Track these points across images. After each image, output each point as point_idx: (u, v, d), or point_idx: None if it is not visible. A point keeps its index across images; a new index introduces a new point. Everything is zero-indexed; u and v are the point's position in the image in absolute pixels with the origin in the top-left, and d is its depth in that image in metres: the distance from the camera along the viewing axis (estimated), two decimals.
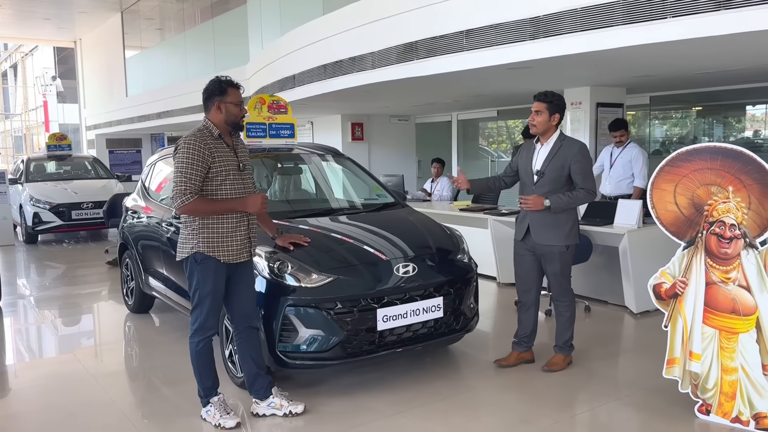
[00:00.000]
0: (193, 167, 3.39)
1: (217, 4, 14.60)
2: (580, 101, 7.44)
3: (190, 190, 3.37)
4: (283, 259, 3.97)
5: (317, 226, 4.46)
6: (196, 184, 3.39)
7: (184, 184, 3.36)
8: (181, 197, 3.36)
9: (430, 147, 12.55)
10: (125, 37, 18.91)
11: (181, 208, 3.37)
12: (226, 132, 3.59)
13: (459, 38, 5.31)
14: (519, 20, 4.84)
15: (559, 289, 4.39)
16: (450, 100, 9.02)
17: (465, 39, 5.25)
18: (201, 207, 3.42)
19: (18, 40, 28.72)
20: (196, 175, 3.39)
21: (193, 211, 3.42)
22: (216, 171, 3.47)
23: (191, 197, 3.36)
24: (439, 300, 4.21)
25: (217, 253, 3.50)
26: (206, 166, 3.43)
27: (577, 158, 4.19)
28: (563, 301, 4.42)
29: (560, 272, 4.33)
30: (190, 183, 3.37)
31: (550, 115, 4.20)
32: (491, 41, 5.07)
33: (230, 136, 3.64)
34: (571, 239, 4.30)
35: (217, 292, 3.56)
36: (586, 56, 4.74)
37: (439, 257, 4.42)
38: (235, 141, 3.68)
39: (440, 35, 5.46)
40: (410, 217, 4.91)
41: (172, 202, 3.45)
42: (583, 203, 4.30)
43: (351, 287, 3.95)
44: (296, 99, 8.08)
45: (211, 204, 3.46)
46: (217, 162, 3.47)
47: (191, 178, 3.38)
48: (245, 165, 3.66)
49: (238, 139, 3.72)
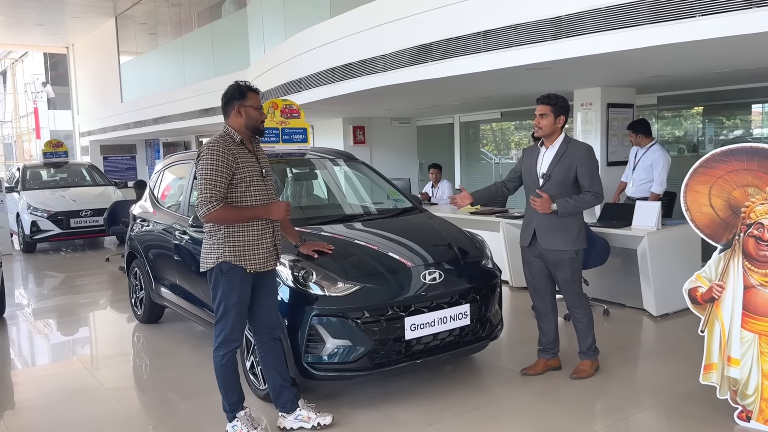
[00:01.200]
0: (218, 174, 3.27)
1: (214, 7, 14.46)
2: (591, 102, 7.36)
3: (216, 197, 3.26)
4: (308, 267, 3.86)
5: (339, 233, 4.35)
6: (221, 191, 3.28)
7: (209, 191, 3.25)
8: (206, 204, 3.24)
9: (432, 150, 12.45)
10: (120, 42, 18.73)
11: (207, 215, 3.25)
12: (247, 137, 3.49)
13: (476, 39, 5.21)
14: (540, 20, 4.75)
15: (572, 295, 4.29)
16: (458, 102, 8.93)
17: (483, 40, 5.16)
18: (227, 214, 3.31)
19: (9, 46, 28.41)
20: (221, 181, 3.28)
21: (219, 219, 3.31)
22: (240, 177, 3.36)
23: (217, 204, 3.25)
24: (465, 307, 4.10)
25: (245, 261, 3.39)
26: (230, 172, 3.32)
27: (583, 160, 4.11)
28: (578, 308, 4.33)
29: (571, 278, 4.24)
30: (215, 190, 3.26)
31: (556, 117, 4.12)
32: (511, 42, 4.97)
33: (251, 141, 3.53)
34: (579, 243, 4.22)
35: (243, 303, 3.44)
36: (609, 56, 4.65)
37: (463, 263, 4.31)
38: (256, 147, 3.57)
39: (456, 36, 5.36)
40: (431, 222, 4.81)
41: (196, 210, 3.33)
42: (591, 207, 4.23)
43: (378, 295, 3.84)
44: (302, 103, 7.95)
45: (237, 211, 3.35)
46: (241, 168, 3.36)
47: (216, 185, 3.27)
48: (267, 171, 3.55)
49: (258, 145, 3.61)
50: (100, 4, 16.36)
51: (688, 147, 8.73)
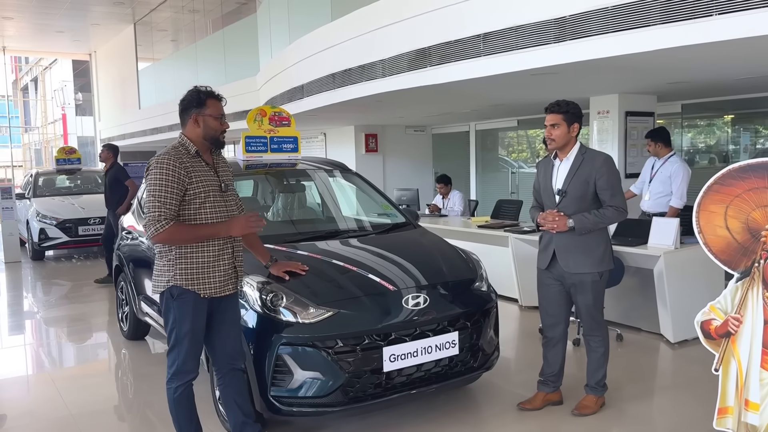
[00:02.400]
0: (168, 189, 2.96)
1: (228, 14, 14.31)
2: (608, 110, 6.93)
3: (165, 216, 2.94)
4: (277, 290, 3.52)
5: (318, 251, 4.01)
6: (171, 208, 2.97)
7: (157, 209, 2.94)
8: (154, 224, 2.93)
9: (448, 158, 12.09)
10: (139, 49, 18.73)
11: (155, 236, 2.94)
12: (205, 149, 3.17)
13: (476, 42, 4.84)
14: (542, 21, 4.37)
15: (592, 322, 3.88)
16: (468, 109, 8.55)
17: (482, 43, 4.79)
18: (179, 234, 2.99)
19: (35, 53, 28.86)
20: (171, 198, 2.97)
21: (170, 240, 2.99)
22: (194, 193, 3.04)
23: (166, 223, 2.94)
24: (453, 335, 3.72)
25: (197, 286, 3.06)
26: (183, 187, 3.00)
27: (602, 172, 3.69)
28: (596, 336, 3.91)
29: (593, 303, 3.83)
30: (164, 208, 2.95)
31: (569, 126, 3.72)
32: (512, 45, 4.60)
33: (210, 153, 3.21)
34: (604, 265, 3.80)
35: (197, 331, 3.12)
36: (618, 60, 4.25)
37: (454, 286, 3.94)
38: (216, 158, 3.25)
39: (455, 40, 5.00)
40: (422, 239, 4.44)
41: (145, 230, 3.02)
42: (613, 222, 3.81)
43: (353, 323, 3.49)
44: (305, 110, 7.68)
45: (191, 230, 3.03)
46: (195, 183, 3.05)
47: (166, 202, 2.95)
48: (228, 185, 3.23)
49: (220, 156, 3.29)
50: (118, 11, 16.36)
51: (719, 157, 8.23)
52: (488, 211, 8.84)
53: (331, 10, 7.20)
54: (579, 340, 5.19)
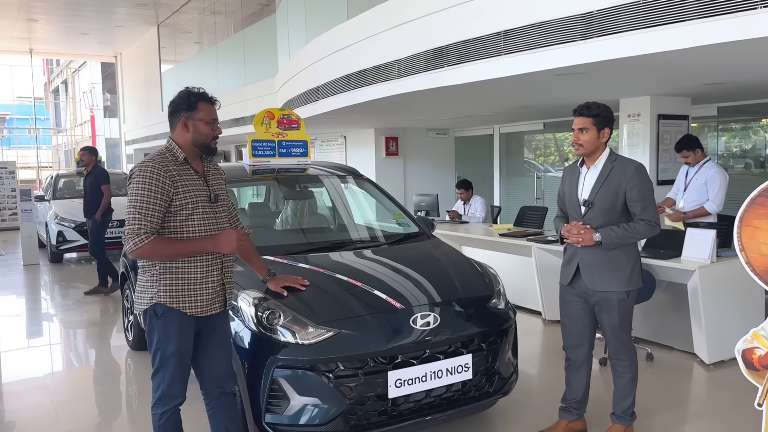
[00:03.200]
0: (150, 200, 2.70)
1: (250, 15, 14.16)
2: (639, 113, 6.54)
3: (146, 229, 2.69)
4: (274, 307, 3.25)
5: (321, 264, 3.73)
6: (152, 221, 2.71)
7: (137, 222, 2.68)
8: (133, 238, 2.67)
9: (471, 162, 11.74)
10: (163, 51, 18.73)
11: (134, 251, 2.68)
12: (195, 156, 2.91)
13: (496, 40, 4.52)
14: (567, 17, 4.04)
15: (618, 344, 3.54)
16: (490, 112, 8.21)
17: (503, 41, 4.47)
18: (160, 249, 2.73)
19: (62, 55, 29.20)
20: (153, 209, 2.71)
21: (150, 255, 2.74)
22: (180, 204, 2.78)
23: (146, 237, 2.68)
24: (467, 358, 3.42)
25: (183, 303, 2.81)
26: (167, 198, 2.75)
27: (633, 182, 3.35)
28: (623, 360, 3.57)
29: (619, 324, 3.49)
30: (145, 220, 2.69)
31: (599, 130, 3.39)
32: (534, 43, 4.27)
33: (201, 160, 2.96)
34: (633, 283, 3.46)
35: (184, 353, 2.86)
36: (649, 59, 3.90)
37: (468, 303, 3.63)
38: (207, 166, 2.99)
39: (474, 38, 4.68)
40: (435, 251, 4.14)
41: (123, 243, 2.77)
42: (644, 238, 3.46)
43: (355, 344, 3.20)
44: (321, 112, 7.43)
45: (173, 245, 2.77)
46: (182, 192, 2.79)
47: (147, 214, 2.70)
48: (219, 195, 2.97)
49: (212, 164, 3.03)
50: (141, 13, 16.34)
51: (755, 163, 7.77)
52: (512, 217, 8.50)
53: (347, 9, 6.93)
54: (605, 359, 4.83)
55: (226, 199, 3.09)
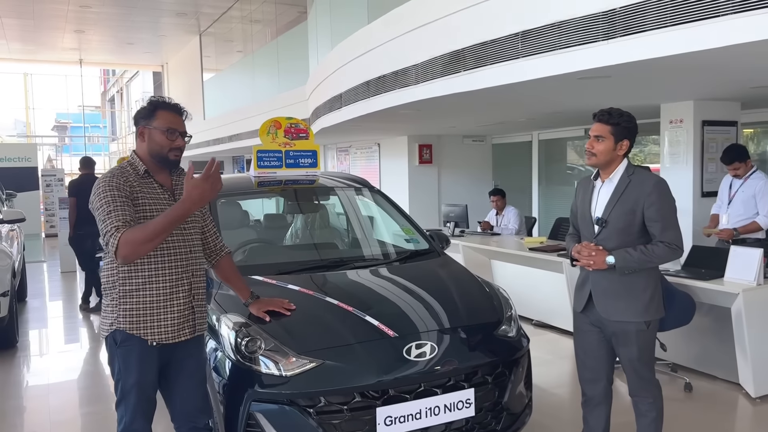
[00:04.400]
0: (116, 202, 2.45)
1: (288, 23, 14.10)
2: (681, 119, 6.06)
3: (118, 226, 2.40)
4: (255, 334, 2.99)
5: (312, 286, 3.45)
6: (124, 215, 2.43)
7: (111, 226, 2.41)
8: (111, 242, 2.39)
9: (508, 170, 11.32)
10: (207, 60, 18.92)
11: (117, 254, 2.39)
12: (157, 168, 2.68)
13: (513, 42, 4.18)
14: (588, 15, 3.66)
15: (638, 380, 3.15)
16: (523, 118, 7.81)
17: (521, 42, 4.12)
18: (135, 236, 2.39)
19: (111, 65, 30.00)
20: (122, 209, 2.45)
21: (130, 246, 2.38)
22: (143, 219, 2.54)
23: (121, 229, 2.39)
24: (469, 393, 3.08)
25: (144, 331, 2.57)
26: (131, 197, 2.51)
27: (652, 199, 2.96)
28: (644, 398, 3.17)
29: (638, 357, 3.09)
30: (116, 219, 2.41)
31: (616, 141, 3.01)
32: (554, 44, 3.91)
33: (168, 173, 2.73)
34: (652, 313, 3.07)
35: (146, 384, 2.62)
36: (679, 60, 3.49)
37: (471, 331, 3.30)
38: (176, 180, 2.76)
39: (490, 40, 4.35)
40: (441, 271, 3.82)
41: (104, 255, 2.52)
42: (664, 262, 3.05)
43: (341, 376, 2.91)
44: (343, 120, 7.19)
45: (146, 226, 2.42)
46: (142, 206, 2.56)
47: (118, 216, 2.42)
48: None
49: (182, 176, 2.78)
50: (183, 22, 16.51)
51: None
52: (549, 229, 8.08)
53: (368, 12, 6.67)
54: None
55: (200, 215, 2.84)
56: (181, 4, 14.64)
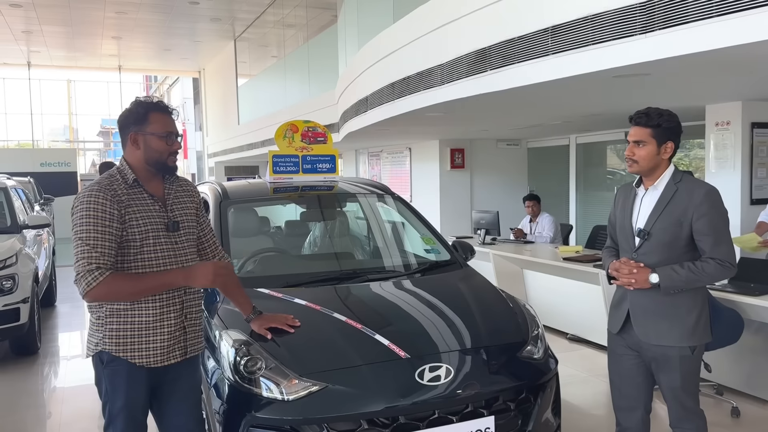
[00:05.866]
0: (99, 229, 2.28)
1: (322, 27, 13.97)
2: (728, 120, 5.66)
3: (98, 263, 2.25)
4: (255, 353, 2.78)
5: (320, 300, 3.22)
6: (105, 253, 2.28)
7: (87, 256, 2.25)
8: (86, 277, 2.23)
9: (545, 175, 10.93)
10: (243, 65, 18.96)
11: (89, 292, 2.24)
12: (150, 176, 2.48)
13: (542, 38, 3.88)
14: (623, 8, 3.35)
15: (681, 410, 2.82)
16: (559, 121, 7.46)
17: (550, 38, 3.82)
18: (120, 286, 2.29)
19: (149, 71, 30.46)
20: (104, 239, 2.29)
21: (109, 295, 2.30)
22: (130, 234, 2.36)
23: (101, 274, 2.24)
24: (488, 421, 2.81)
25: (131, 353, 2.38)
26: (119, 225, 2.33)
27: (702, 210, 2.65)
28: (687, 429, 2.85)
29: (681, 386, 2.77)
30: (95, 252, 2.26)
31: (659, 144, 2.71)
32: (585, 39, 3.60)
33: (160, 180, 2.53)
34: (698, 337, 2.75)
35: (134, 408, 2.43)
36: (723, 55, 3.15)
37: (492, 352, 3.03)
38: (169, 188, 2.56)
39: (517, 36, 4.06)
40: (462, 285, 3.55)
41: (77, 285, 2.34)
42: (714, 282, 2.75)
43: (346, 402, 2.67)
44: (370, 124, 6.97)
45: (136, 280, 2.33)
46: (131, 220, 2.37)
47: (97, 245, 2.27)
48: (180, 222, 2.51)
49: (176, 183, 2.59)
50: (217, 28, 16.55)
51: None
52: (586, 237, 7.71)
53: (393, 11, 6.44)
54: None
55: (195, 225, 2.64)
56: (215, 9, 14.65)
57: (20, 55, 19.37)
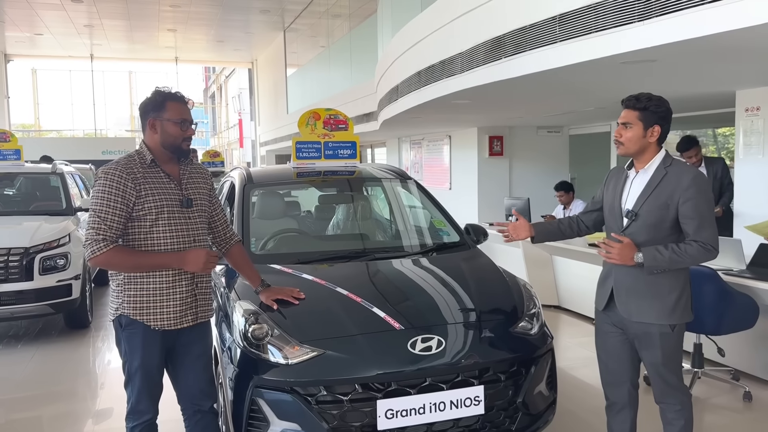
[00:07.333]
0: (110, 205, 2.59)
1: (368, 16, 14.16)
2: (758, 106, 5.57)
3: (104, 235, 2.57)
4: (263, 322, 3.03)
5: (326, 276, 3.45)
6: (113, 227, 2.59)
7: (96, 228, 2.58)
8: (92, 245, 2.57)
9: (586, 161, 10.84)
10: (293, 55, 19.38)
11: (92, 258, 2.58)
12: (167, 158, 2.77)
13: (551, 26, 3.98)
14: None
15: (663, 385, 2.93)
16: (591, 107, 7.44)
17: (558, 26, 3.91)
18: (118, 260, 2.61)
19: (204, 62, 31.37)
20: (114, 215, 2.59)
21: (107, 264, 2.63)
22: (146, 208, 2.64)
23: (105, 246, 2.56)
24: (478, 390, 2.98)
25: (147, 316, 2.67)
26: (129, 203, 2.62)
27: (689, 194, 2.74)
28: (671, 405, 2.95)
29: (663, 362, 2.88)
30: (104, 225, 2.58)
31: (646, 128, 2.81)
32: (591, 26, 3.68)
33: (176, 162, 2.81)
34: (677, 316, 2.84)
35: (150, 367, 2.72)
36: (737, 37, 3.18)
37: (485, 326, 3.19)
38: (184, 169, 2.83)
39: (529, 24, 4.16)
40: (464, 264, 3.71)
41: (84, 249, 2.68)
42: (696, 263, 2.82)
43: (341, 367, 2.90)
44: (400, 112, 7.14)
45: (133, 257, 2.64)
46: (146, 196, 2.65)
47: (106, 219, 2.58)
48: (193, 200, 2.79)
49: (190, 166, 2.87)
50: (267, 19, 16.98)
51: None
52: None
53: (422, 1, 6.56)
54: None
55: (208, 204, 2.91)
56: (264, 1, 15.05)
57: (84, 49, 20.34)
